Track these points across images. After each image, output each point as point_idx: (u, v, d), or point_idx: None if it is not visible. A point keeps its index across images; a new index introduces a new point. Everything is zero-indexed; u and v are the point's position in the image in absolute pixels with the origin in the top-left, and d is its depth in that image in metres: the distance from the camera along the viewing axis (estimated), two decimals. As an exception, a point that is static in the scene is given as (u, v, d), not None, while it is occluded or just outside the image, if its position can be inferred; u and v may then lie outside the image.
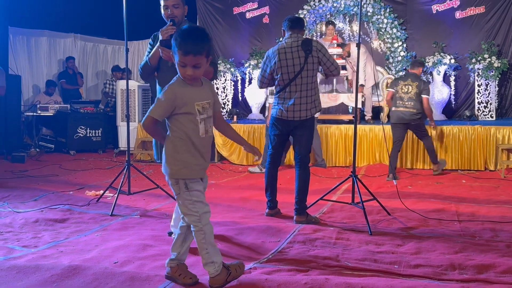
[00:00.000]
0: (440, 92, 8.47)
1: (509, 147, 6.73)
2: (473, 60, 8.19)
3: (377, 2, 9.17)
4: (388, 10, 9.18)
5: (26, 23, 10.06)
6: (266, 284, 2.52)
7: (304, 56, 4.04)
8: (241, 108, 9.87)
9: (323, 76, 4.26)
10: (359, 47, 4.29)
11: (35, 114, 9.17)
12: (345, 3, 9.37)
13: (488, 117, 8.09)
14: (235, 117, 8.46)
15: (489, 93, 8.14)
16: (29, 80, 10.42)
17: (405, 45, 9.22)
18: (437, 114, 8.18)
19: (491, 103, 8.13)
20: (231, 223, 3.90)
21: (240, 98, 10.00)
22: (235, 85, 9.98)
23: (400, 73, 9.15)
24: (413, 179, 6.28)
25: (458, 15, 8.99)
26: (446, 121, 8.07)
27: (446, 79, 8.76)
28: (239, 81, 9.97)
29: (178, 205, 2.64)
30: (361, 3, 4.43)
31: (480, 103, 8.19)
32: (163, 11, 3.39)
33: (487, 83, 8.13)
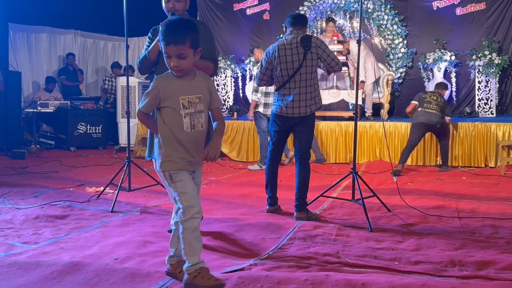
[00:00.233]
0: (440, 88, 8.47)
1: (509, 143, 6.72)
2: (474, 56, 8.19)
3: (377, -2, 9.18)
4: (388, 6, 9.17)
5: (26, 19, 10.05)
6: (266, 280, 2.53)
7: (303, 52, 4.03)
8: (242, 104, 9.86)
9: (324, 72, 4.24)
10: (359, 43, 4.28)
11: (35, 110, 9.16)
12: (346, -1, 9.37)
13: (488, 114, 8.09)
14: (235, 113, 8.45)
15: (489, 90, 8.13)
16: (29, 76, 10.42)
17: (405, 42, 9.22)
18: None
19: (491, 100, 8.13)
20: (231, 220, 3.91)
21: (240, 94, 10.00)
22: (236, 81, 9.98)
23: (400, 70, 9.18)
24: (414, 176, 6.29)
25: (458, 11, 8.97)
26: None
27: (446, 76, 8.76)
28: (240, 78, 9.96)
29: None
30: (362, -1, 4.42)
31: (480, 99, 8.19)
32: (164, 4, 3.36)
33: (487, 80, 8.13)
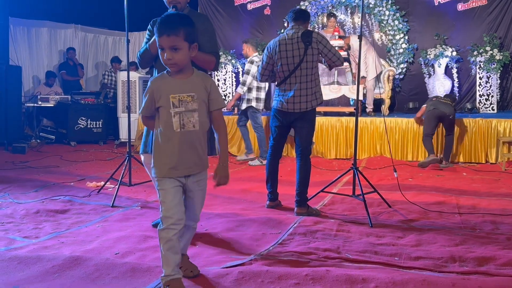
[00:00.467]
0: (442, 84, 8.46)
1: (510, 139, 6.71)
2: (475, 52, 8.16)
3: (379, -7, 9.15)
4: (390, 2, 9.14)
5: (26, 13, 10.02)
6: (267, 275, 2.53)
7: (303, 47, 4.02)
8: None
9: (326, 67, 4.23)
10: (361, 39, 4.27)
11: (35, 105, 9.15)
12: (347, -6, 9.35)
13: (489, 110, 8.08)
14: (236, 109, 8.43)
15: (490, 86, 8.12)
16: (29, 71, 10.40)
17: (406, 37, 9.19)
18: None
19: (492, 96, 8.11)
20: (232, 215, 3.91)
21: (241, 90, 9.97)
22: (236, 76, 9.95)
23: (401, 66, 9.16)
24: (414, 171, 6.28)
25: (460, 7, 8.94)
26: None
27: (448, 72, 8.74)
28: (240, 73, 9.93)
29: None
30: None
31: (481, 95, 8.17)
32: None
33: (488, 76, 8.11)
